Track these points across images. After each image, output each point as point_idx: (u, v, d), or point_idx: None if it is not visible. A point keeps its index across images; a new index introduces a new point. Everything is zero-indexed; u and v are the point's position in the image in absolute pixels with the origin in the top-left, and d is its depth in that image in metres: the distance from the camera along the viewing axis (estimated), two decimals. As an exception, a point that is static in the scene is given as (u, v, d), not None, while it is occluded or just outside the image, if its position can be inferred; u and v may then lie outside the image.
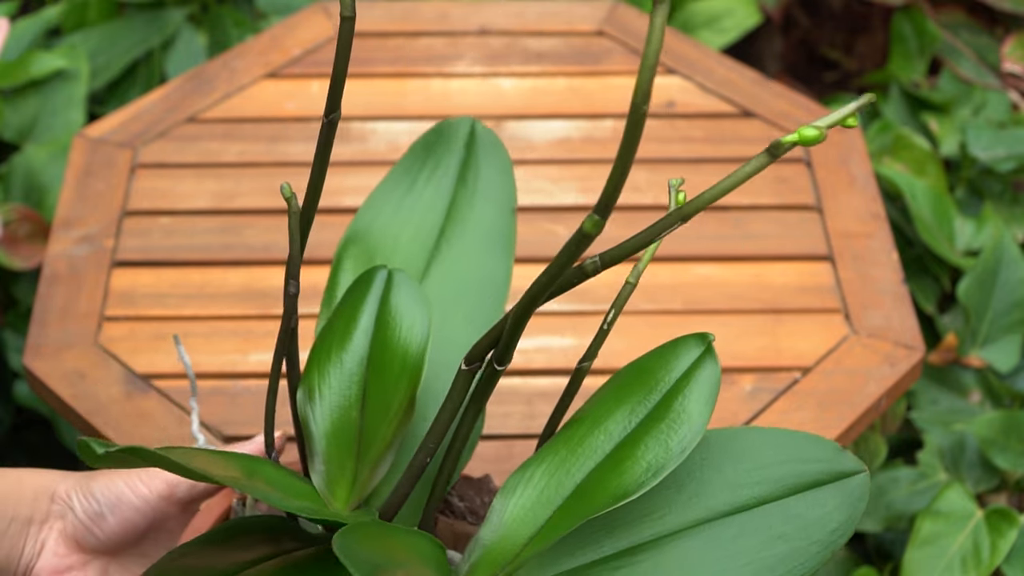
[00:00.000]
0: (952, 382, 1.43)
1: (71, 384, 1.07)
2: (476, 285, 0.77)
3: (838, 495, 0.66)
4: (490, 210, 0.76)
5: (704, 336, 0.71)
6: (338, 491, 0.72)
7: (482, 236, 0.77)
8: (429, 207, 0.76)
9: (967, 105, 1.73)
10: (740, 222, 1.23)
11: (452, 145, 0.77)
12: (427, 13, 1.44)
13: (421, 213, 0.76)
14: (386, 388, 0.72)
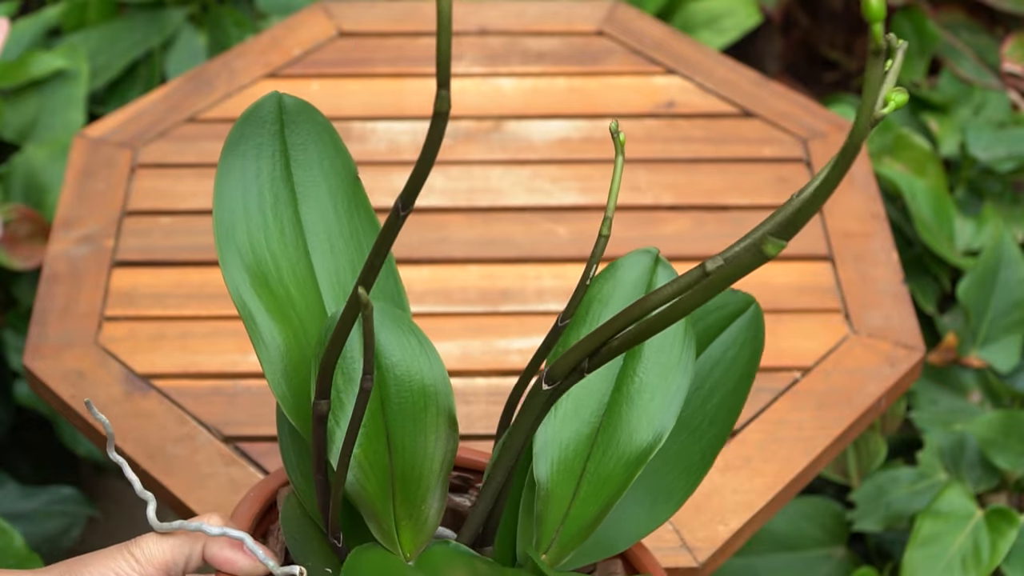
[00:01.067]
0: (952, 382, 1.43)
1: (71, 384, 1.07)
2: (360, 257, 0.76)
3: (741, 330, 0.76)
4: (333, 181, 0.75)
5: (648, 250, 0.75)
6: (403, 539, 0.71)
7: (339, 209, 0.75)
8: (275, 201, 0.73)
9: (967, 105, 1.73)
10: (740, 222, 1.23)
11: (265, 128, 0.73)
12: (427, 13, 1.44)
13: (272, 212, 0.74)
14: (411, 421, 0.71)
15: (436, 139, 0.56)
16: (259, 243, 0.72)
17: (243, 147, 0.72)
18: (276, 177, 0.73)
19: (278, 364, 0.70)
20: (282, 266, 0.72)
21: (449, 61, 0.53)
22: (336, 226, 0.74)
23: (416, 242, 1.20)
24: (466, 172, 1.27)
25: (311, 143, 0.74)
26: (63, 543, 1.38)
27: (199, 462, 1.02)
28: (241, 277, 0.71)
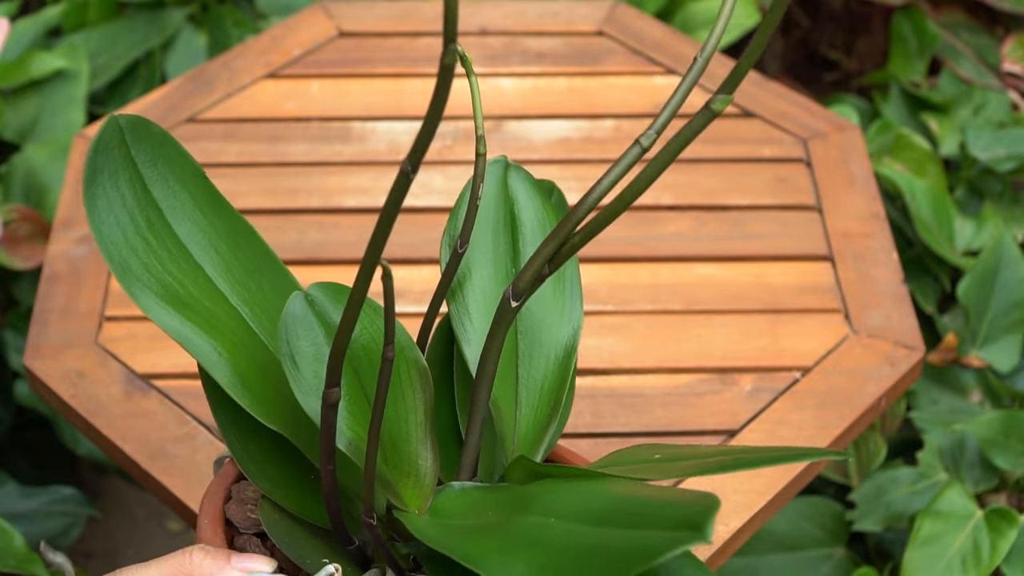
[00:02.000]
0: (952, 382, 1.43)
1: (71, 384, 1.07)
2: (242, 253, 0.76)
3: None
4: (191, 188, 0.75)
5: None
6: (407, 498, 0.71)
7: (207, 213, 0.75)
8: (149, 225, 0.73)
9: (967, 105, 1.73)
10: (740, 222, 1.23)
11: (113, 155, 0.72)
12: (427, 13, 1.44)
13: (152, 236, 0.73)
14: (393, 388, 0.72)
15: (443, 93, 0.56)
16: (156, 269, 0.72)
17: (100, 179, 0.72)
18: (140, 200, 0.73)
19: (233, 378, 0.71)
20: (186, 284, 0.73)
21: (456, 17, 0.54)
22: (211, 230, 0.75)
23: (417, 242, 1.20)
24: (466, 172, 1.27)
25: (158, 157, 0.74)
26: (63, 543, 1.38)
27: (199, 462, 1.02)
28: (161, 307, 0.71)
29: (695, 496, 0.63)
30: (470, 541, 0.65)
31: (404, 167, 0.59)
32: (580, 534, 0.63)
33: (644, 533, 0.61)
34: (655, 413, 1.07)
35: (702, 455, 0.72)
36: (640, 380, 1.09)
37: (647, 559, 0.59)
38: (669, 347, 1.12)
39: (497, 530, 0.65)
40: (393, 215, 0.60)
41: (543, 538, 0.63)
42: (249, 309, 0.74)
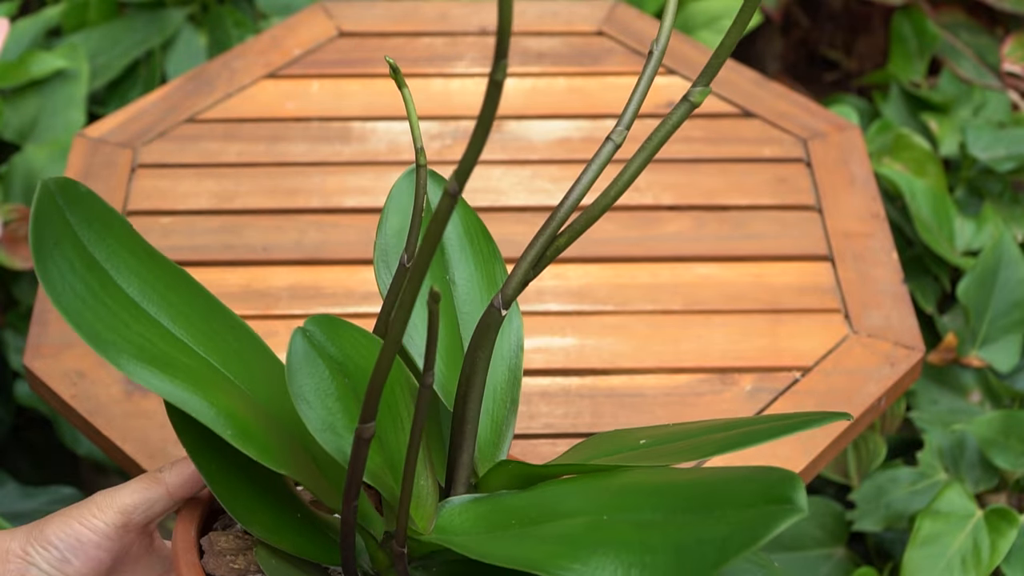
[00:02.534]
0: (952, 382, 1.43)
1: (71, 384, 1.07)
2: (185, 298, 0.75)
3: None
4: (125, 242, 0.73)
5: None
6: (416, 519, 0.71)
7: (147, 264, 0.74)
8: (102, 287, 0.71)
9: (967, 105, 1.73)
10: (740, 222, 1.23)
11: (53, 221, 0.70)
12: (427, 13, 1.44)
13: (110, 299, 0.71)
14: (385, 407, 0.71)
15: (491, 108, 0.55)
16: (123, 331, 0.70)
17: (47, 249, 0.70)
18: (87, 264, 0.71)
19: (234, 429, 0.69)
20: (155, 341, 0.71)
21: (509, 33, 0.54)
22: (158, 283, 0.73)
23: (416, 242, 1.20)
24: (466, 172, 1.27)
25: (90, 217, 0.72)
26: (63, 543, 1.38)
27: (199, 462, 1.02)
28: (145, 370, 0.68)
29: (755, 471, 0.63)
30: (530, 549, 0.64)
31: (452, 188, 0.57)
32: (658, 527, 0.62)
33: (733, 515, 0.60)
34: (655, 413, 1.07)
35: (693, 433, 0.72)
36: (640, 380, 1.09)
37: (748, 541, 0.59)
38: (669, 347, 1.12)
39: (549, 537, 0.64)
40: (437, 240, 0.58)
41: (613, 537, 0.62)
42: (217, 356, 0.72)
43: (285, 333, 1.11)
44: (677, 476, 0.67)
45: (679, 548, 0.61)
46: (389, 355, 0.61)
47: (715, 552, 0.60)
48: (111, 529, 0.73)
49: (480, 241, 0.83)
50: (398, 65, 1.38)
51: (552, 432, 1.06)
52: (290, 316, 1.13)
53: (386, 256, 0.78)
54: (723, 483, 0.63)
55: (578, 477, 0.70)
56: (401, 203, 0.80)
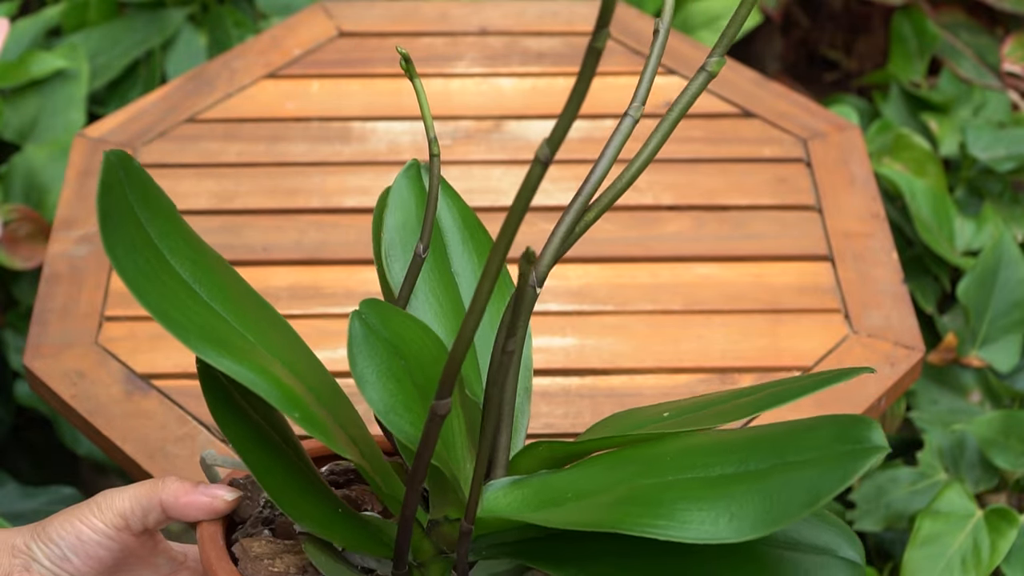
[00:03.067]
0: (952, 382, 1.43)
1: (71, 384, 1.07)
2: (243, 291, 0.75)
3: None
4: (180, 223, 0.74)
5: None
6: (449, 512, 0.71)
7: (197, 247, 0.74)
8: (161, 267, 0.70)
9: (967, 105, 1.73)
10: (740, 222, 1.23)
11: (116, 194, 0.68)
12: (427, 13, 1.44)
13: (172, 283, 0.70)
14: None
15: (589, 75, 0.55)
16: (190, 311, 0.68)
17: (113, 221, 0.68)
18: (145, 241, 0.70)
19: (301, 411, 0.67)
20: (216, 324, 0.69)
21: (613, 3, 0.54)
22: (206, 267, 0.72)
23: (416, 242, 1.20)
24: (466, 172, 1.27)
25: (145, 195, 0.71)
26: (63, 543, 1.38)
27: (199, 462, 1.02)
28: (215, 352, 0.66)
29: (819, 420, 0.64)
30: (602, 514, 0.63)
31: (543, 155, 0.56)
32: (735, 479, 0.63)
33: (814, 459, 0.61)
34: (655, 413, 1.07)
35: (715, 402, 0.72)
36: (640, 380, 1.09)
37: (839, 479, 0.59)
38: (669, 347, 1.12)
39: (617, 502, 0.64)
40: (525, 208, 0.57)
41: (689, 494, 0.63)
42: (266, 345, 0.71)
43: (285, 333, 1.11)
44: (733, 436, 0.67)
45: (766, 494, 0.61)
46: (471, 327, 0.60)
47: (805, 493, 0.60)
48: (111, 529, 0.73)
49: (479, 234, 0.83)
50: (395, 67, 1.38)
51: (552, 432, 1.06)
52: (290, 316, 1.13)
53: (393, 249, 0.78)
54: (788, 435, 0.64)
55: (619, 450, 0.70)
56: (403, 198, 0.80)
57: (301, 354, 0.74)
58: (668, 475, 0.65)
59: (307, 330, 0.83)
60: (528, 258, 0.57)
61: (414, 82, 0.71)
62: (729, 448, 0.65)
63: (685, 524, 0.61)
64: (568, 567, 0.68)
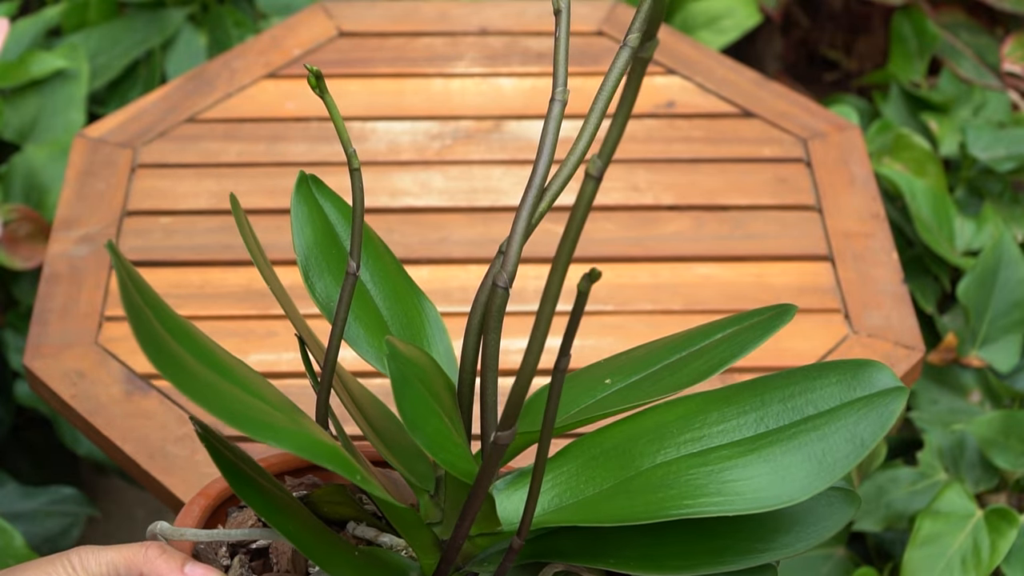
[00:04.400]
0: (952, 382, 1.43)
1: (71, 384, 1.07)
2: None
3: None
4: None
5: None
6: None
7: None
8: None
9: (967, 105, 1.73)
10: (740, 222, 1.23)
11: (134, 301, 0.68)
12: (427, 13, 1.44)
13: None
14: None
15: (637, 82, 0.56)
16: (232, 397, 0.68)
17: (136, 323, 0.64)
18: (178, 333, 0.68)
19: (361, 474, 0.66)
20: (248, 401, 0.66)
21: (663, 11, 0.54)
22: (219, 351, 0.69)
23: (416, 242, 1.20)
24: (466, 172, 1.27)
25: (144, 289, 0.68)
26: (63, 543, 1.38)
27: (199, 462, 1.02)
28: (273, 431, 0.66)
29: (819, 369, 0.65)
30: (644, 503, 0.63)
31: (596, 171, 0.57)
32: (767, 440, 0.63)
33: (837, 415, 0.61)
34: (655, 413, 1.07)
35: (652, 359, 0.72)
36: (640, 380, 1.09)
37: (879, 428, 0.61)
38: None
39: (651, 486, 0.64)
40: (582, 225, 0.58)
41: (727, 464, 0.63)
42: (286, 413, 0.69)
43: (285, 333, 1.11)
44: (725, 396, 0.67)
45: (809, 453, 0.62)
46: (536, 354, 0.61)
47: (848, 444, 0.61)
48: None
49: (375, 240, 0.82)
50: (395, 67, 1.38)
51: (552, 432, 1.06)
52: (290, 316, 1.13)
53: (311, 269, 0.77)
54: (793, 388, 0.65)
55: (609, 428, 0.69)
56: (304, 215, 0.79)
57: (306, 415, 0.73)
58: (686, 448, 0.65)
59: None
60: (592, 277, 0.58)
61: (325, 98, 0.70)
62: (734, 410, 0.66)
63: (738, 496, 0.62)
64: (603, 558, 0.67)
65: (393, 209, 1.24)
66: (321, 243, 0.78)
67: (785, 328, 1.13)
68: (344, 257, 0.78)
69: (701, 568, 0.65)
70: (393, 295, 0.79)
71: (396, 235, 1.21)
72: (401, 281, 0.80)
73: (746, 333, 0.72)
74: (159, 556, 0.68)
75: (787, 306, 0.73)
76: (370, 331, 0.76)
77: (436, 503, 0.71)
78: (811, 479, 0.62)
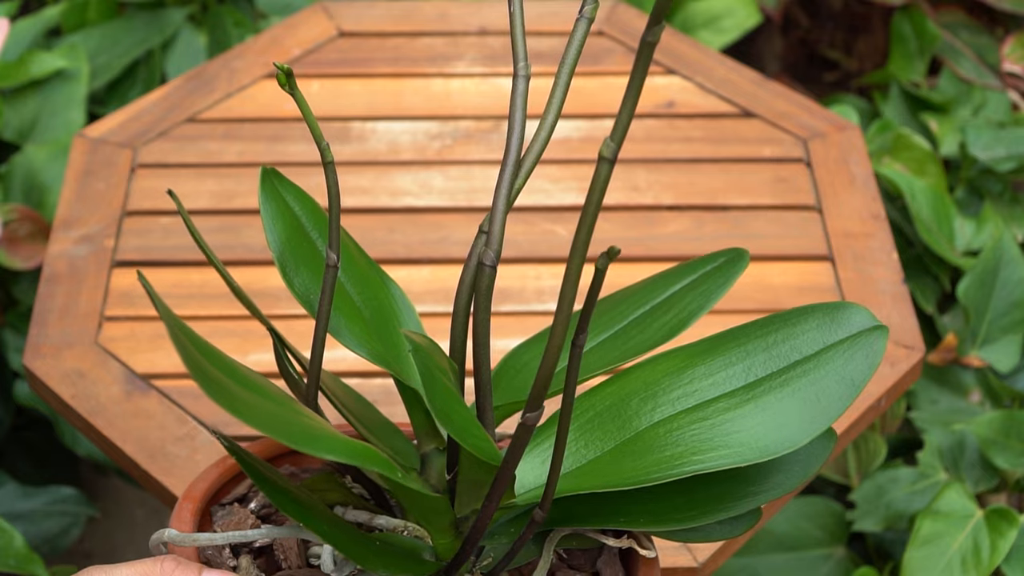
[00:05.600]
0: (952, 382, 1.43)
1: (71, 384, 1.07)
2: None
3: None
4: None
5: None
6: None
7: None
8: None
9: (967, 105, 1.73)
10: (740, 222, 1.23)
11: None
12: (427, 13, 1.44)
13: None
14: None
15: (644, 67, 0.56)
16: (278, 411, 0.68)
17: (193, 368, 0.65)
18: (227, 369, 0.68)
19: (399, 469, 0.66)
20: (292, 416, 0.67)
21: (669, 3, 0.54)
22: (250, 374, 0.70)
23: (416, 242, 1.20)
24: (466, 172, 1.27)
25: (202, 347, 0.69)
26: (63, 543, 1.38)
27: (199, 462, 1.02)
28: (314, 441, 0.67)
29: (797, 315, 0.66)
30: (653, 462, 0.64)
31: (609, 152, 0.57)
32: (760, 390, 0.64)
33: (824, 358, 0.63)
34: (655, 413, 1.07)
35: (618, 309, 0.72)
36: (640, 380, 1.09)
37: (868, 367, 0.63)
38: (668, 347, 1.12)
39: (656, 446, 0.65)
40: (598, 208, 0.59)
41: (725, 417, 0.64)
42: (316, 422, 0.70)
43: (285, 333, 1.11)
44: (706, 348, 0.68)
45: (802, 398, 0.63)
46: (560, 336, 0.61)
47: (841, 385, 0.62)
48: None
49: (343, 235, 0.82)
50: (395, 67, 1.38)
51: (552, 432, 1.06)
52: (290, 316, 1.13)
53: (288, 263, 0.77)
54: (773, 334, 0.66)
55: (597, 391, 0.69)
56: (274, 210, 0.79)
57: (314, 414, 0.73)
58: (680, 403, 0.66)
59: (307, 330, 0.83)
60: (611, 254, 0.58)
61: (294, 94, 0.70)
62: (720, 362, 0.66)
63: (743, 447, 0.63)
64: (613, 519, 0.68)
65: (393, 209, 1.24)
66: (293, 238, 0.78)
67: (785, 328, 1.13)
68: (314, 250, 0.78)
69: (706, 517, 0.67)
70: (361, 280, 0.79)
71: (396, 235, 1.21)
72: (365, 264, 0.81)
73: (707, 281, 0.73)
74: (176, 569, 0.67)
75: (739, 250, 0.74)
76: (350, 320, 0.76)
77: (425, 480, 0.72)
78: (809, 423, 0.63)
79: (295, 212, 0.80)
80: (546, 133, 0.72)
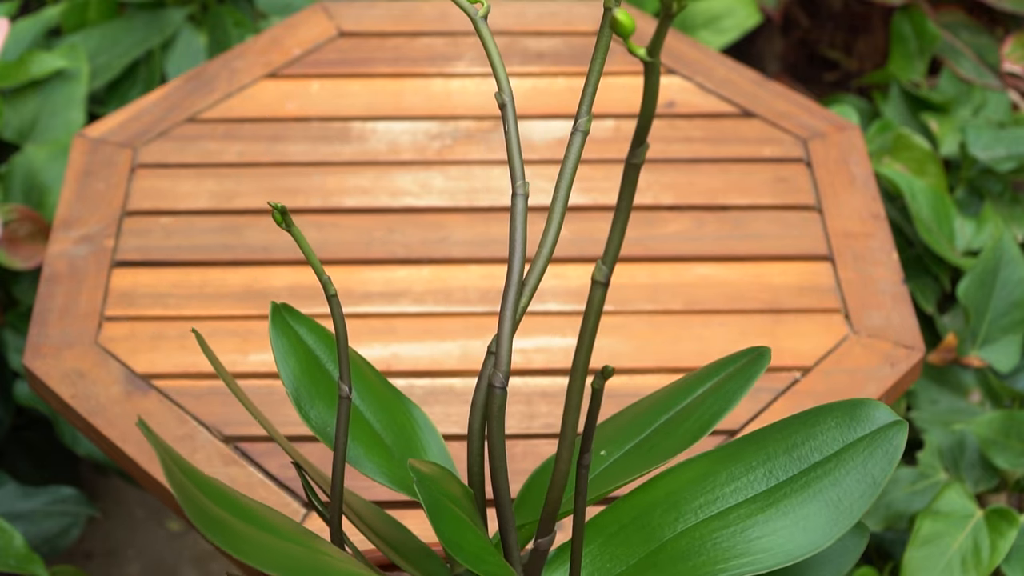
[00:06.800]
0: (952, 382, 1.43)
1: (71, 384, 1.07)
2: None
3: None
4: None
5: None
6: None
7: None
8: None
9: (967, 105, 1.73)
10: (740, 222, 1.23)
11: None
12: (427, 13, 1.44)
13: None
14: None
15: (654, 86, 0.56)
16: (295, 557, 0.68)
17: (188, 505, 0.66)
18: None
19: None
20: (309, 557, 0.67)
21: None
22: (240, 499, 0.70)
23: (416, 242, 1.20)
24: (466, 172, 1.27)
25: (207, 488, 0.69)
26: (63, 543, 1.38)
27: (199, 462, 1.02)
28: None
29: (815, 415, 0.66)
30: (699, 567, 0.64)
31: (602, 277, 0.57)
32: (779, 494, 0.64)
33: (843, 458, 0.63)
34: (655, 413, 1.07)
35: (640, 423, 0.72)
36: (640, 380, 1.09)
37: (887, 464, 0.65)
38: (669, 347, 1.12)
39: (680, 554, 0.65)
40: (593, 336, 0.59)
41: (747, 524, 0.64)
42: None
43: (285, 333, 1.11)
44: (726, 454, 0.67)
45: (825, 500, 0.63)
46: (566, 459, 0.61)
47: (861, 484, 0.62)
48: None
49: (356, 356, 0.81)
50: (395, 67, 1.38)
51: (552, 432, 1.06)
52: (290, 316, 1.13)
53: (303, 398, 0.77)
54: (793, 437, 0.65)
55: (621, 503, 0.69)
56: (286, 346, 0.79)
57: (321, 539, 0.73)
58: (703, 512, 0.66)
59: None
60: (605, 374, 0.57)
61: (292, 231, 0.69)
62: (741, 467, 0.66)
63: (765, 552, 0.63)
64: None
65: (393, 209, 1.24)
66: (307, 371, 0.78)
67: (785, 329, 1.13)
68: (330, 381, 0.78)
69: None
70: (381, 406, 0.79)
71: (397, 235, 1.21)
72: (386, 390, 0.80)
73: (728, 384, 0.73)
74: None
75: (761, 348, 0.74)
76: (369, 448, 0.76)
77: None
78: (831, 524, 0.63)
79: (308, 345, 0.79)
80: (547, 251, 0.71)
